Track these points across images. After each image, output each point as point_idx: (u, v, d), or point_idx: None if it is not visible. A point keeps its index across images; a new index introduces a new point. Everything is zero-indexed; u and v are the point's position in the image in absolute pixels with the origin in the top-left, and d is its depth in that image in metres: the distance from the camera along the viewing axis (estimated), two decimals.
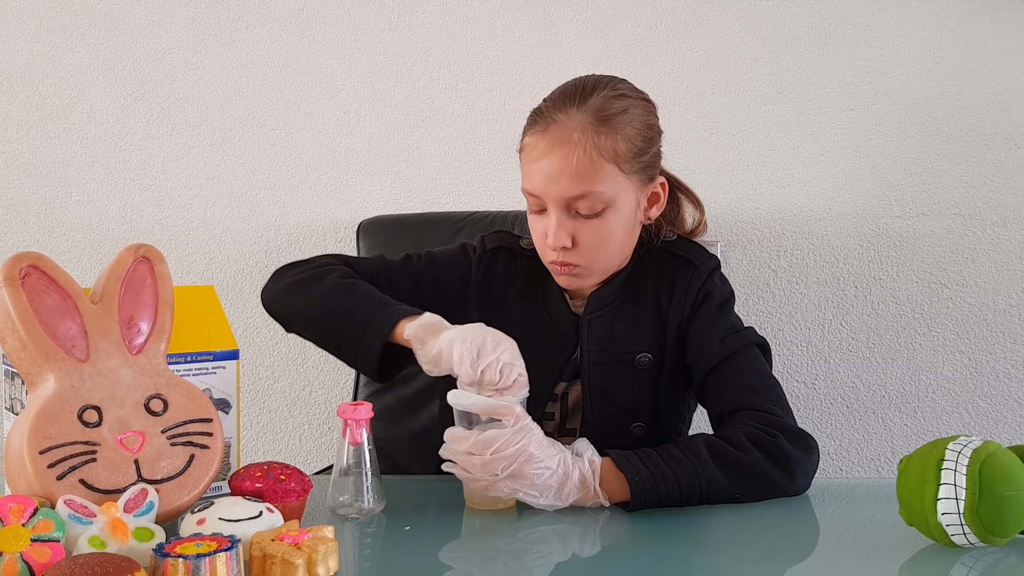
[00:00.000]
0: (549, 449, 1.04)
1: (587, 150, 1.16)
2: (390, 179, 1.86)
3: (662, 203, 1.27)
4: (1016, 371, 1.80)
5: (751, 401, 1.17)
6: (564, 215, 1.18)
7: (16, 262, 0.93)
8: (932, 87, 1.77)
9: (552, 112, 1.19)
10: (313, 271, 1.25)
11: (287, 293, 1.25)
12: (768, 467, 1.09)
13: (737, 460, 1.08)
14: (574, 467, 1.05)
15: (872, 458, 1.83)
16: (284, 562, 0.82)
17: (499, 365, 1.03)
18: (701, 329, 1.24)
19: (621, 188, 1.19)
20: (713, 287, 1.27)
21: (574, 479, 1.05)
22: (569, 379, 1.28)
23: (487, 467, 1.01)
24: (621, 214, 1.20)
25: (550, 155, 1.17)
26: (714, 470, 1.07)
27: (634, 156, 1.19)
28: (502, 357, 1.04)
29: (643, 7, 1.80)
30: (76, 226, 1.90)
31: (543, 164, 1.17)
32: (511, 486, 1.02)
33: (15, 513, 0.83)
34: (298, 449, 1.93)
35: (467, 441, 1.03)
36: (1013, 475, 0.90)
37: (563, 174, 1.16)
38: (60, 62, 1.87)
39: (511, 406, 1.03)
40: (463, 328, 1.08)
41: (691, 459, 1.07)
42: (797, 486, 1.11)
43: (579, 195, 1.17)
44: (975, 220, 1.78)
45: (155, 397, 0.96)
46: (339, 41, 1.84)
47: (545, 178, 1.17)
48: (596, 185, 1.16)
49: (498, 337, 1.06)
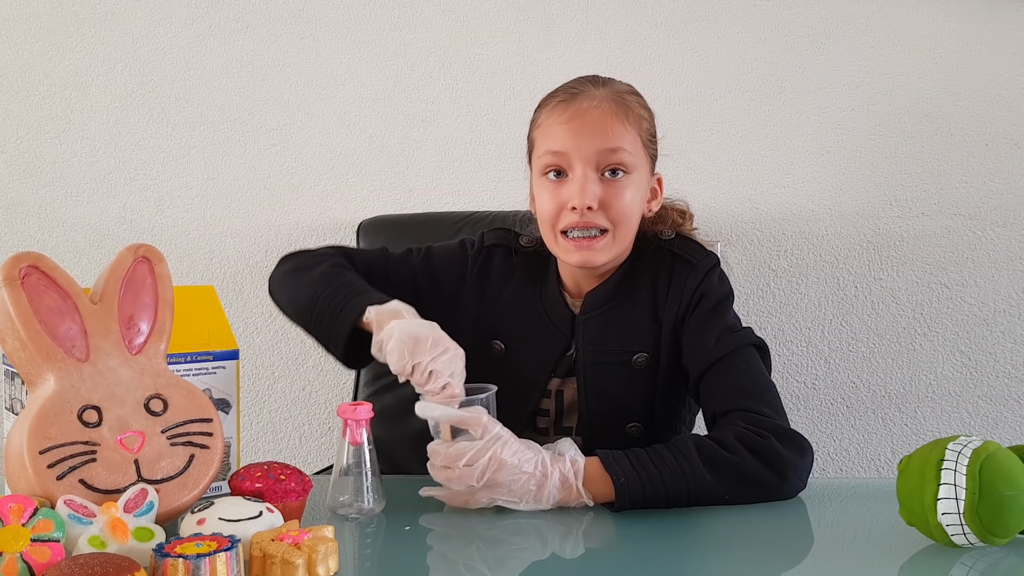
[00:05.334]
0: (525, 453, 1.04)
1: (617, 113, 1.20)
2: (390, 179, 1.86)
3: (659, 199, 1.30)
4: (1016, 371, 1.80)
5: (743, 402, 1.16)
6: (592, 172, 1.19)
7: (16, 262, 0.93)
8: (932, 87, 1.77)
9: (575, 86, 1.24)
10: (309, 260, 1.28)
11: (283, 280, 1.29)
12: (759, 469, 1.08)
13: (726, 462, 1.07)
14: (553, 468, 1.05)
15: (872, 458, 1.83)
16: (284, 562, 0.82)
17: (427, 370, 1.04)
18: (696, 329, 1.24)
19: (640, 160, 1.23)
20: (709, 286, 1.26)
21: (554, 480, 1.04)
22: (563, 375, 1.28)
23: (463, 479, 1.03)
24: (639, 188, 1.23)
25: (582, 116, 1.20)
26: (703, 471, 1.06)
27: (648, 137, 1.25)
28: (433, 363, 1.04)
29: (643, 7, 1.80)
30: (76, 226, 1.90)
31: (574, 124, 1.20)
32: (489, 495, 1.03)
33: (15, 513, 0.82)
34: (298, 449, 1.93)
35: (440, 456, 1.04)
36: (1013, 475, 0.89)
37: (597, 129, 1.19)
38: (60, 62, 1.87)
39: (477, 417, 1.04)
40: (413, 323, 1.09)
41: (679, 460, 1.06)
42: (789, 487, 1.10)
43: (611, 148, 1.19)
44: (975, 220, 1.78)
45: (155, 397, 0.96)
46: (339, 41, 1.84)
47: (576, 135, 1.19)
48: (625, 142, 1.20)
49: (440, 340, 1.06)
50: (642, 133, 1.23)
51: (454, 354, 1.06)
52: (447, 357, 1.05)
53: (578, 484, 1.05)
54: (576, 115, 1.20)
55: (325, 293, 1.19)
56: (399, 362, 1.05)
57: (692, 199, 1.39)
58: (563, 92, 1.24)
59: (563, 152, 1.20)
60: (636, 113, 1.23)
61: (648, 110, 1.28)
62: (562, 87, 1.25)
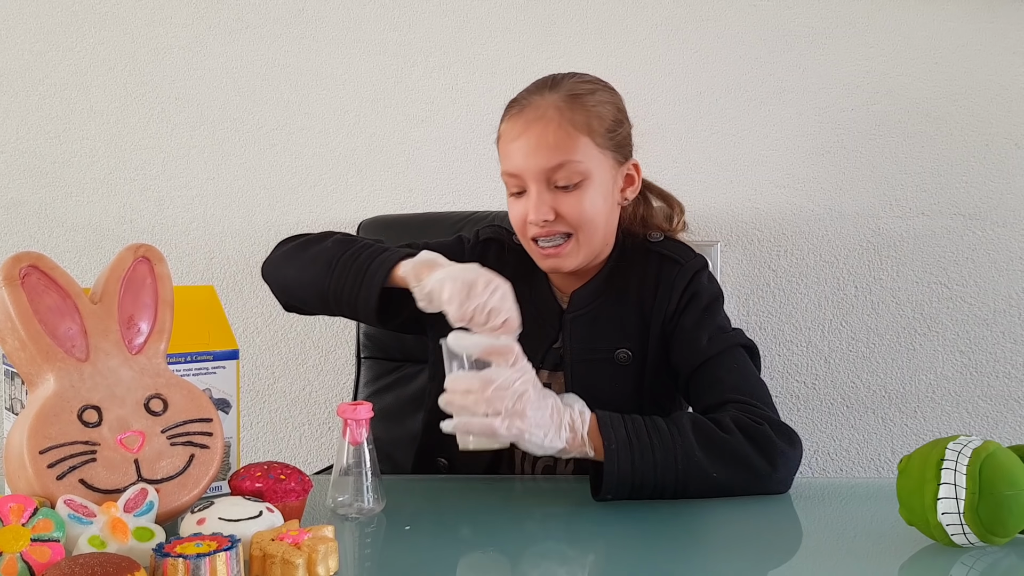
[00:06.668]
0: (543, 391, 1.07)
1: (561, 124, 1.21)
2: (390, 179, 1.87)
3: (637, 184, 1.31)
4: (1016, 371, 1.80)
5: (736, 396, 1.19)
6: (544, 189, 1.21)
7: (16, 262, 0.93)
8: (932, 87, 1.77)
9: (527, 97, 1.25)
10: (315, 236, 1.27)
11: (290, 255, 1.27)
12: (750, 452, 1.10)
13: (720, 440, 1.10)
14: (565, 411, 1.08)
15: (872, 458, 1.83)
16: (284, 562, 0.82)
17: (487, 308, 1.05)
18: (688, 328, 1.26)
19: (596, 162, 1.23)
20: (700, 286, 1.28)
21: (565, 420, 1.07)
22: (551, 368, 1.30)
23: (491, 403, 1.03)
24: (600, 189, 1.24)
25: (527, 132, 1.21)
26: (694, 447, 1.08)
27: (606, 132, 1.24)
28: (491, 300, 1.05)
29: (643, 7, 1.80)
30: (76, 226, 1.90)
31: (521, 142, 1.22)
32: (514, 424, 1.04)
33: (15, 513, 0.82)
34: (298, 449, 1.93)
35: (469, 381, 1.04)
36: (1013, 475, 0.90)
37: (540, 147, 1.20)
38: (60, 62, 1.87)
39: (510, 346, 1.05)
40: (457, 267, 1.09)
41: (673, 432, 1.09)
42: (779, 477, 1.11)
43: (556, 165, 1.20)
44: (975, 220, 1.78)
45: (155, 397, 0.96)
46: (339, 41, 1.85)
47: (524, 155, 1.21)
48: (572, 155, 1.20)
49: (490, 278, 1.07)
50: (597, 132, 1.23)
51: (505, 289, 1.07)
52: (500, 293, 1.06)
53: (583, 433, 1.08)
54: (524, 131, 1.22)
55: (345, 256, 1.18)
56: (459, 309, 1.05)
57: (692, 199, 1.40)
58: (516, 104, 1.25)
59: (516, 173, 1.23)
60: (588, 112, 1.22)
61: (609, 95, 1.27)
62: (517, 96, 1.27)
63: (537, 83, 1.27)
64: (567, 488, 1.20)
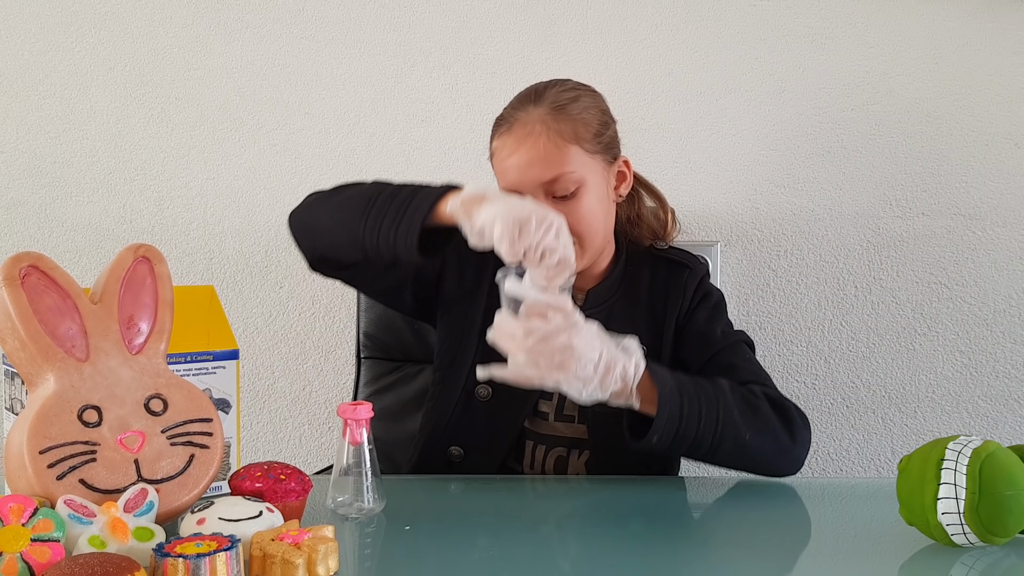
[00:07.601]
0: (594, 342, 1.07)
1: (550, 137, 1.23)
2: (390, 179, 1.86)
3: (629, 180, 1.34)
4: (1016, 371, 1.80)
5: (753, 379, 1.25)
6: (543, 199, 1.23)
7: (16, 262, 0.93)
8: (932, 87, 1.77)
9: (513, 113, 1.26)
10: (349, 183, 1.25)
11: (321, 200, 1.24)
12: (775, 421, 1.17)
13: (755, 406, 1.17)
14: (617, 361, 1.08)
15: (872, 458, 1.83)
16: (284, 562, 0.82)
17: (540, 248, 1.03)
18: (701, 323, 1.32)
19: (588, 168, 1.25)
20: (711, 288, 1.37)
21: (616, 372, 1.08)
22: None
23: (532, 356, 1.04)
24: (595, 191, 1.26)
25: (519, 149, 1.23)
26: (732, 408, 1.14)
27: (594, 136, 1.26)
28: (544, 239, 1.03)
29: (643, 7, 1.80)
30: (76, 226, 1.90)
31: (514, 159, 1.24)
32: (555, 377, 1.05)
33: (15, 513, 0.82)
34: (298, 449, 1.93)
35: (514, 327, 1.05)
36: (1013, 475, 0.90)
37: (534, 163, 1.22)
38: (60, 62, 1.87)
39: (563, 305, 1.05)
40: (509, 205, 1.05)
41: (716, 391, 1.15)
42: (795, 454, 1.18)
43: (552, 179, 1.23)
44: (975, 220, 1.78)
45: (155, 397, 0.96)
46: (339, 41, 1.84)
47: (519, 171, 1.23)
48: (565, 167, 1.23)
49: (544, 215, 1.04)
50: (585, 139, 1.25)
51: (560, 224, 1.05)
52: (555, 230, 1.04)
53: (633, 385, 1.09)
54: (515, 148, 1.24)
55: (385, 194, 1.15)
56: (511, 249, 1.03)
57: (692, 199, 1.41)
58: (504, 121, 1.27)
59: (515, 189, 1.25)
60: (574, 121, 1.24)
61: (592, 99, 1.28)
62: (504, 113, 1.28)
63: (520, 97, 1.28)
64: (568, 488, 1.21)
